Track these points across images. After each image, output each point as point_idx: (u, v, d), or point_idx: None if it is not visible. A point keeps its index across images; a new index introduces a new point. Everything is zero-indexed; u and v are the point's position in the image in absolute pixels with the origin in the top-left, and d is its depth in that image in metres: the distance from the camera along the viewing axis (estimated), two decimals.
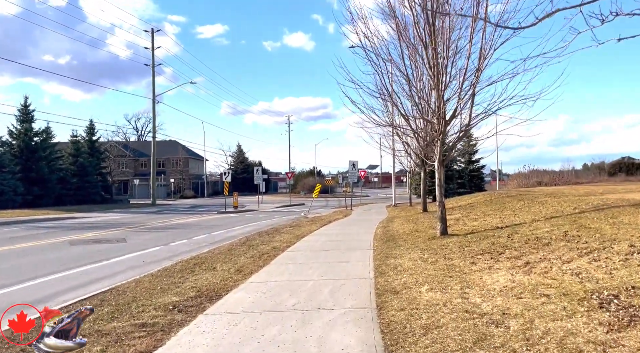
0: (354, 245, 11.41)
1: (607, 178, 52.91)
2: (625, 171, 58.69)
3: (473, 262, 7.62)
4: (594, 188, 28.31)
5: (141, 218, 26.21)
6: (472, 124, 10.91)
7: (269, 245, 12.05)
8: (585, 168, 67.94)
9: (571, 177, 51.78)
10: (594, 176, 53.78)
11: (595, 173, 58.70)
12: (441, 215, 11.14)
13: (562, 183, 46.14)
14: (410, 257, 8.93)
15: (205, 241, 14.64)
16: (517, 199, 16.12)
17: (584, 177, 51.33)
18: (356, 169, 30.12)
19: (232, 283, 7.23)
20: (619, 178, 51.51)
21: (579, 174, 54.65)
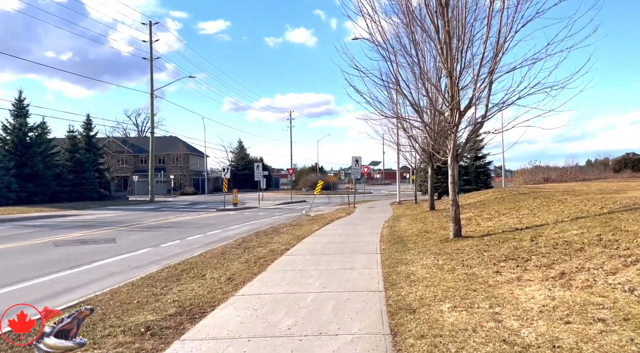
0: (358, 248, 10.44)
1: (613, 174, 51.98)
2: (631, 167, 57.79)
3: (497, 270, 6.64)
4: (606, 184, 27.23)
5: (136, 216, 25.30)
6: (489, 115, 9.92)
7: (266, 247, 11.09)
8: (589, 164, 67.00)
9: (577, 173, 50.79)
10: (599, 172, 52.96)
11: (600, 169, 57.83)
12: (455, 215, 10.17)
13: (570, 179, 45.05)
14: (423, 263, 7.96)
15: (200, 242, 13.70)
16: (532, 197, 15.12)
17: (588, 174, 50.44)
18: (359, 165, 29.15)
19: (221, 296, 6.27)
20: (625, 174, 50.53)
21: (582, 170, 53.77)
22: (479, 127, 10.07)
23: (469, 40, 9.70)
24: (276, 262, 8.89)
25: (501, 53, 9.17)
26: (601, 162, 65.31)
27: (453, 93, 10.02)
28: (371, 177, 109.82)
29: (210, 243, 13.12)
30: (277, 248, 10.84)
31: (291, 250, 10.43)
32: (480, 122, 10.01)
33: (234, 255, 10.11)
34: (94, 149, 44.87)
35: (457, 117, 9.92)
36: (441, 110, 10.22)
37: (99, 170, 44.95)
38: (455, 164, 10.29)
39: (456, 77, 9.65)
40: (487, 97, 9.78)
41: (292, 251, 10.34)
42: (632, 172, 53.13)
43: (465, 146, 10.18)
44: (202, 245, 12.99)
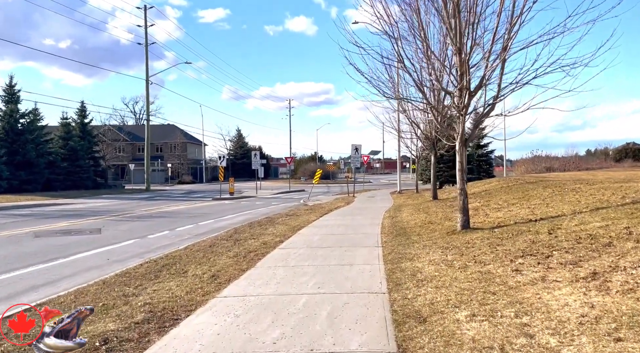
0: (358, 240, 9.64)
1: (614, 164, 51.44)
2: (632, 157, 57.19)
3: (516, 269, 5.83)
4: (613, 173, 26.42)
5: (129, 205, 24.50)
6: (501, 96, 9.04)
7: (258, 239, 10.29)
8: (589, 154, 66.38)
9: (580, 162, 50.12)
10: (599, 162, 52.53)
11: (601, 159, 57.36)
12: (463, 205, 9.35)
13: (573, 168, 44.28)
14: (430, 258, 7.15)
15: (190, 233, 12.91)
16: (541, 186, 14.30)
17: (590, 163, 49.86)
18: (359, 153, 28.29)
19: (200, 298, 5.47)
20: (626, 164, 49.92)
21: (583, 159, 53.18)
22: (490, 109, 9.20)
23: (481, 12, 8.80)
24: (268, 257, 8.09)
25: (517, 25, 8.28)
26: (602, 152, 64.71)
27: (462, 72, 9.14)
28: (371, 166, 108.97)
29: (201, 235, 12.33)
30: (270, 240, 10.04)
31: (285, 243, 9.63)
32: (492, 103, 9.14)
33: (223, 248, 9.31)
34: (89, 136, 43.90)
35: (467, 97, 9.05)
36: (449, 90, 9.35)
37: (94, 158, 44.04)
38: (464, 149, 9.44)
39: (466, 54, 8.76)
40: (500, 76, 8.92)
41: (287, 244, 9.54)
42: (633, 162, 52.48)
43: (475, 130, 9.34)
44: (192, 236, 12.20)
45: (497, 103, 9.11)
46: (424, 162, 33.43)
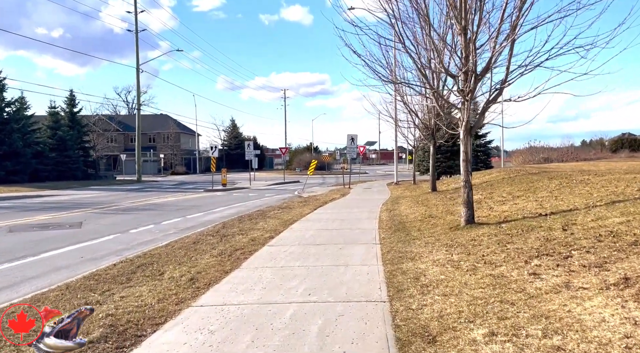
0: (354, 237, 8.94)
1: (610, 154, 51.26)
2: (628, 147, 56.99)
3: (533, 272, 5.14)
4: (614, 164, 25.86)
5: (117, 196, 23.70)
6: (510, 80, 8.30)
7: (247, 235, 9.57)
8: (584, 144, 66.11)
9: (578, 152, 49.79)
10: (595, 152, 52.37)
11: (597, 149, 57.21)
12: (467, 198, 8.65)
13: (571, 159, 43.83)
14: (433, 258, 6.46)
15: (176, 227, 12.17)
16: (546, 177, 13.62)
17: (587, 154, 49.59)
18: (355, 143, 27.54)
19: (173, 307, 4.76)
20: (623, 154, 49.64)
21: (579, 150, 52.90)
22: (498, 94, 8.47)
23: None
24: (255, 255, 7.37)
25: (528, 2, 7.53)
26: (597, 142, 64.48)
27: (467, 53, 8.39)
28: (367, 157, 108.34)
29: (187, 229, 11.60)
30: (259, 236, 9.32)
31: (276, 239, 8.91)
32: (500, 88, 8.41)
33: (208, 245, 8.59)
34: (78, 125, 42.86)
35: (473, 81, 8.31)
36: (453, 73, 8.60)
37: (83, 149, 43.06)
38: (468, 138, 8.72)
39: (473, 33, 8.00)
40: (509, 58, 8.16)
41: (277, 240, 8.82)
42: (629, 152, 52.20)
43: (482, 117, 8.62)
44: (178, 231, 11.47)
45: (505, 87, 8.38)
46: (421, 152, 32.75)
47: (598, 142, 66.25)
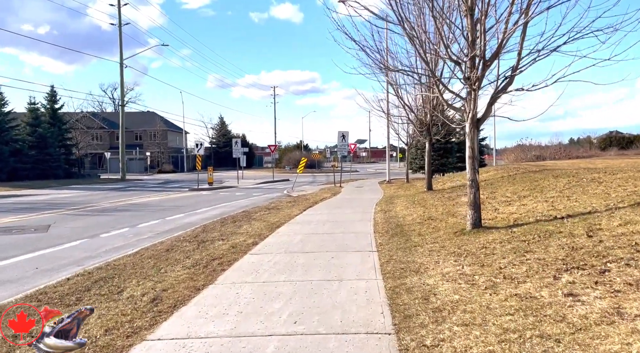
0: (348, 242, 7.99)
1: (601, 152, 51.24)
2: (617, 145, 57.12)
3: (569, 292, 4.23)
4: (611, 161, 25.24)
5: (97, 196, 22.51)
6: (522, 67, 7.40)
7: (228, 241, 8.57)
8: (572, 142, 66.15)
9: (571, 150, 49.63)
10: (584, 150, 52.39)
11: (586, 147, 57.29)
12: (474, 199, 7.73)
13: (564, 156, 43.44)
14: (442, 270, 5.53)
15: (152, 230, 11.13)
16: (550, 176, 12.79)
17: (578, 151, 49.51)
18: (346, 140, 26.60)
19: (122, 341, 3.76)
20: (612, 152, 49.54)
21: (569, 148, 52.83)
22: (508, 82, 7.55)
23: None
24: (234, 267, 6.38)
25: None
26: (585, 140, 64.60)
27: (474, 37, 7.47)
28: (357, 155, 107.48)
29: (164, 233, 10.58)
30: (242, 242, 8.33)
31: (260, 246, 7.93)
32: (511, 75, 7.49)
33: (182, 253, 7.58)
34: (60, 122, 41.37)
35: (481, 68, 7.39)
36: (457, 59, 7.66)
37: (65, 146, 41.58)
38: (475, 132, 7.81)
39: (482, 12, 7.07)
40: (521, 42, 7.25)
41: (261, 247, 7.84)
42: (618, 150, 52.13)
43: (489, 108, 7.71)
44: (154, 235, 10.45)
45: (516, 75, 7.46)
46: (413, 150, 31.90)
47: (586, 140, 66.55)
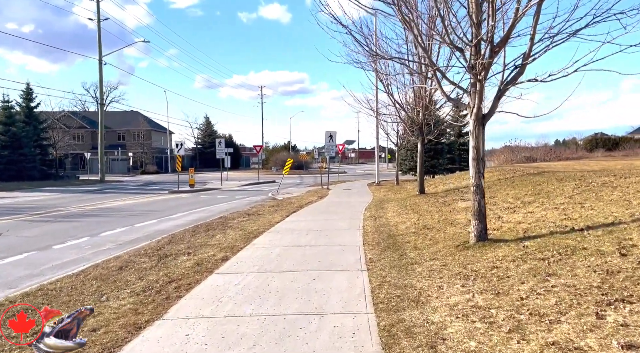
0: (333, 257, 6.86)
1: (588, 153, 51.11)
2: (602, 146, 57.25)
3: (629, 344, 3.15)
4: (606, 163, 24.45)
5: (67, 199, 21.09)
6: (535, 54, 6.36)
7: (194, 255, 7.40)
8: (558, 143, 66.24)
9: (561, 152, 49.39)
10: (571, 151, 52.26)
11: (572, 149, 57.33)
12: (479, 208, 6.66)
13: (554, 158, 42.90)
14: (449, 301, 4.44)
15: (115, 240, 9.91)
16: (553, 179, 11.81)
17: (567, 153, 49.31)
18: (334, 141, 25.52)
19: None
20: (599, 153, 49.44)
21: (557, 149, 52.68)
22: (519, 72, 6.50)
23: None
24: (193, 293, 5.22)
25: None
26: (571, 142, 64.74)
27: (480, 19, 6.42)
28: (345, 156, 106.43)
29: (127, 244, 9.37)
30: (210, 257, 7.16)
31: (230, 263, 6.77)
32: (522, 64, 6.44)
33: (137, 272, 6.39)
34: (35, 121, 39.60)
35: (488, 55, 6.33)
36: (460, 44, 6.60)
37: (41, 146, 39.79)
38: (480, 129, 6.75)
39: None
40: (534, 25, 6.21)
41: (231, 264, 6.68)
42: (605, 151, 52.03)
43: (496, 102, 6.65)
44: (115, 246, 9.23)
45: (528, 63, 6.42)
46: (403, 151, 30.94)
47: (572, 141, 66.83)
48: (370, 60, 9.67)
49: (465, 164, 39.15)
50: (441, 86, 6.95)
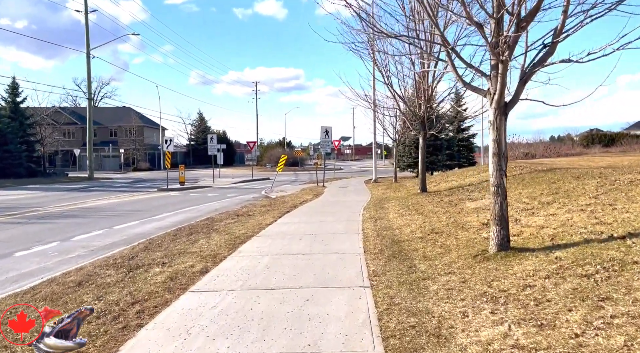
0: (330, 270, 5.87)
1: (585, 149, 50.60)
2: (599, 142, 56.82)
3: None
4: (611, 159, 23.55)
5: (49, 198, 19.98)
6: (567, 31, 5.37)
7: (169, 266, 6.38)
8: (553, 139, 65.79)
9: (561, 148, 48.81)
10: (568, 147, 51.77)
11: (568, 145, 56.85)
12: (500, 212, 5.69)
13: (555, 154, 42.18)
14: (479, 336, 3.45)
15: (87, 246, 8.90)
16: (569, 176, 10.86)
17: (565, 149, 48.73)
18: (329, 136, 24.50)
19: None
20: (596, 149, 48.91)
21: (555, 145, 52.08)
22: (548, 52, 5.51)
23: None
24: (157, 321, 4.21)
25: None
26: (567, 138, 64.29)
27: None
28: (341, 153, 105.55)
29: (99, 250, 8.36)
30: (186, 269, 6.15)
31: (209, 277, 5.76)
32: (553, 42, 5.45)
33: (97, 289, 5.38)
34: (22, 117, 38.30)
35: (514, 30, 5.33)
36: (490, 15, 5.60)
37: (27, 142, 38.51)
38: (502, 120, 5.77)
39: None
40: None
41: (210, 278, 5.67)
42: (602, 148, 51.46)
43: (522, 87, 5.65)
44: (86, 252, 8.23)
45: (560, 41, 5.43)
46: (401, 147, 29.96)
47: (568, 137, 66.45)
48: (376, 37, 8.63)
49: (464, 161, 38.26)
50: (455, 69, 5.95)
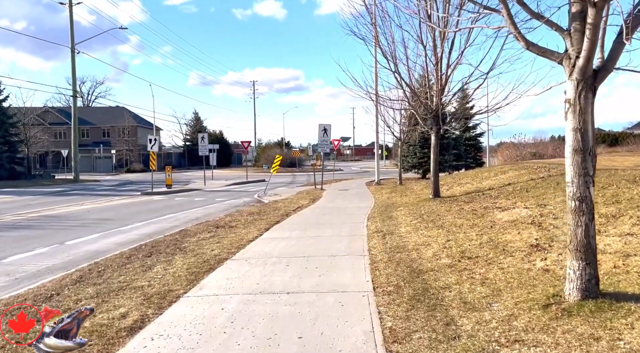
0: (325, 329, 3.87)
1: None
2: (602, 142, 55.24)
3: None
4: (633, 159, 21.72)
5: (15, 204, 18.01)
6: None
7: (92, 316, 4.38)
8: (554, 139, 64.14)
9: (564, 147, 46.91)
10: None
11: None
12: (585, 240, 3.72)
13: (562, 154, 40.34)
14: None
15: (15, 271, 6.99)
16: (623, 180, 8.86)
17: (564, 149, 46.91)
18: (328, 135, 22.54)
19: None
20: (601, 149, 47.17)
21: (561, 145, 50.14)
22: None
23: None
24: None
25: None
26: None
27: None
28: (341, 153, 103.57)
29: (25, 279, 6.43)
30: (112, 321, 4.16)
31: (136, 340, 3.75)
32: None
33: None
34: (4, 116, 36.29)
35: None
36: None
37: (9, 143, 36.49)
38: (590, 98, 3.79)
39: None
40: None
41: (137, 343, 3.67)
42: (607, 147, 49.70)
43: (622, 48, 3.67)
44: (7, 282, 6.31)
45: None
46: (405, 146, 27.96)
47: None
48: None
49: (471, 161, 36.23)
50: (513, 20, 3.90)
